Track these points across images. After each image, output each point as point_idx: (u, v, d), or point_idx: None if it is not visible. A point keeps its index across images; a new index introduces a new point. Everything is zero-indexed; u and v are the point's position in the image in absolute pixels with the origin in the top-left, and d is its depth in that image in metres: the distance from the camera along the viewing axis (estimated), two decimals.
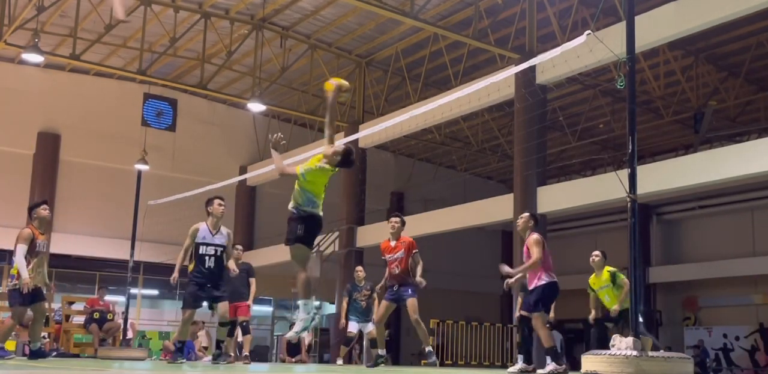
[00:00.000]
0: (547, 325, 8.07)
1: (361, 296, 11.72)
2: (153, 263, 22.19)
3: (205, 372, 5.63)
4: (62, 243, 21.40)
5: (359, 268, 12.24)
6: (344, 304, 11.81)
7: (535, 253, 7.47)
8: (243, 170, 23.50)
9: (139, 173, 14.48)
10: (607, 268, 10.22)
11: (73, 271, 22.33)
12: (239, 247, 10.45)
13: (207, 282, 8.36)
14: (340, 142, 15.97)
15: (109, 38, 18.77)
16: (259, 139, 24.93)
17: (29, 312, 12.97)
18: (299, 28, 19.67)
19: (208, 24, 18.56)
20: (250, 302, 10.67)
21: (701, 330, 24.27)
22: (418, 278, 8.56)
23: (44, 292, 8.67)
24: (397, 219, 8.80)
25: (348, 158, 6.33)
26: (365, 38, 20.24)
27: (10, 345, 12.30)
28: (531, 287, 7.68)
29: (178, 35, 18.39)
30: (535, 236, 7.63)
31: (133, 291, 19.77)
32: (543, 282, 7.52)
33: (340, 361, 13.30)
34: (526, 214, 8.07)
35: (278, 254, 23.10)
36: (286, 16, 19.00)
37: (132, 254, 13.09)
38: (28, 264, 8.22)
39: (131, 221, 13.63)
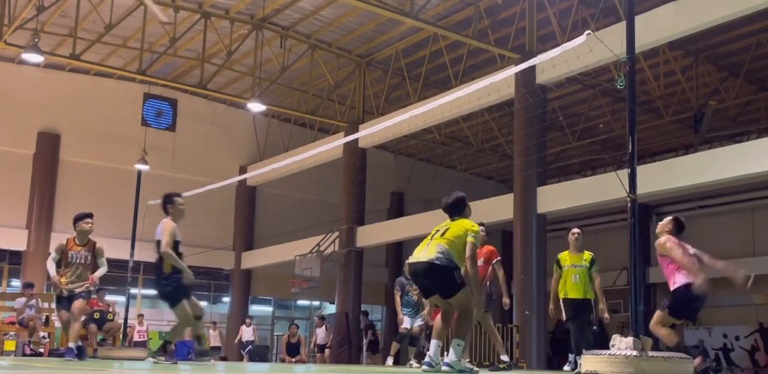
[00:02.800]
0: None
1: (413, 289, 10.64)
2: (153, 264, 22.20)
3: (206, 372, 5.63)
4: None
5: None
6: (397, 298, 10.95)
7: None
8: (243, 170, 23.50)
9: (139, 173, 14.46)
10: (587, 252, 9.04)
11: None
12: None
13: None
14: (340, 142, 16.08)
15: (109, 38, 18.76)
16: (258, 139, 24.94)
17: (30, 312, 13.03)
18: (299, 28, 19.67)
19: (208, 24, 18.56)
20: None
21: (701, 330, 24.24)
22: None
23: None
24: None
25: None
26: (365, 38, 20.24)
27: (9, 345, 12.32)
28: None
29: (178, 35, 18.40)
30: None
31: (133, 290, 19.79)
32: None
33: (390, 361, 12.07)
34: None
35: (278, 254, 23.13)
36: (286, 16, 19.00)
37: (132, 254, 13.07)
38: (60, 274, 8.91)
39: (131, 221, 13.60)
